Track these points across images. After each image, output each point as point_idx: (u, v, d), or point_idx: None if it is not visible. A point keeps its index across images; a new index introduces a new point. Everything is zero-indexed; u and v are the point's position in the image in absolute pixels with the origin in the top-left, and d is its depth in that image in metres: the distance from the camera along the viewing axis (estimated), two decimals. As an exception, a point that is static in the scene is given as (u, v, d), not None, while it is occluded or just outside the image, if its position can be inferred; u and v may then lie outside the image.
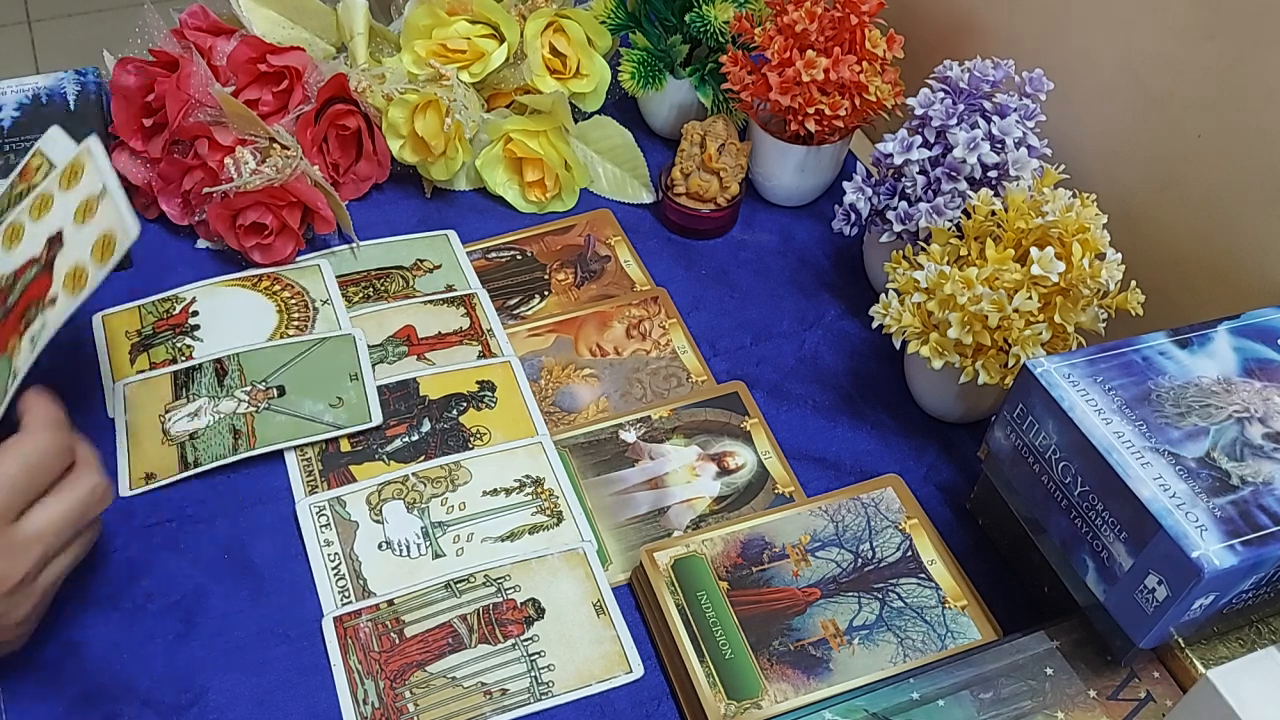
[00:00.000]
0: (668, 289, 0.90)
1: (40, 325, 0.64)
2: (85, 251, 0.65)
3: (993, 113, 0.80)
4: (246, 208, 0.85)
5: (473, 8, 0.94)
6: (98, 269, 0.64)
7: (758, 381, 0.84)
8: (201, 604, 0.69)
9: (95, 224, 0.65)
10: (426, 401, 0.80)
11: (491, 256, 0.93)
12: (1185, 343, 0.66)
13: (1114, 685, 0.64)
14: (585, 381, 0.83)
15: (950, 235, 0.78)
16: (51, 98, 0.92)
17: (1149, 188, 0.81)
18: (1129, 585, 0.60)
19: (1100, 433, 0.61)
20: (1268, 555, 0.56)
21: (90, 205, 0.66)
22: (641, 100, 1.03)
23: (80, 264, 0.64)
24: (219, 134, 0.85)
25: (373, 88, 0.92)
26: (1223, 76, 0.73)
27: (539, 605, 0.70)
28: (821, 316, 0.90)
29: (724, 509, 0.76)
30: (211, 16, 0.92)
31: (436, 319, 0.86)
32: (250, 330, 0.83)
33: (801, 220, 0.98)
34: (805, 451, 0.80)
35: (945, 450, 0.81)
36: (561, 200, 0.97)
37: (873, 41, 0.88)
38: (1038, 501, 0.67)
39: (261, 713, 0.65)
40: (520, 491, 0.76)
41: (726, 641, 0.67)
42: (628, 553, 0.73)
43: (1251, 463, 0.60)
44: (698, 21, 0.94)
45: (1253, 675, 0.53)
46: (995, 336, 0.71)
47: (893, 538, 0.73)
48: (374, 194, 0.96)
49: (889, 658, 0.67)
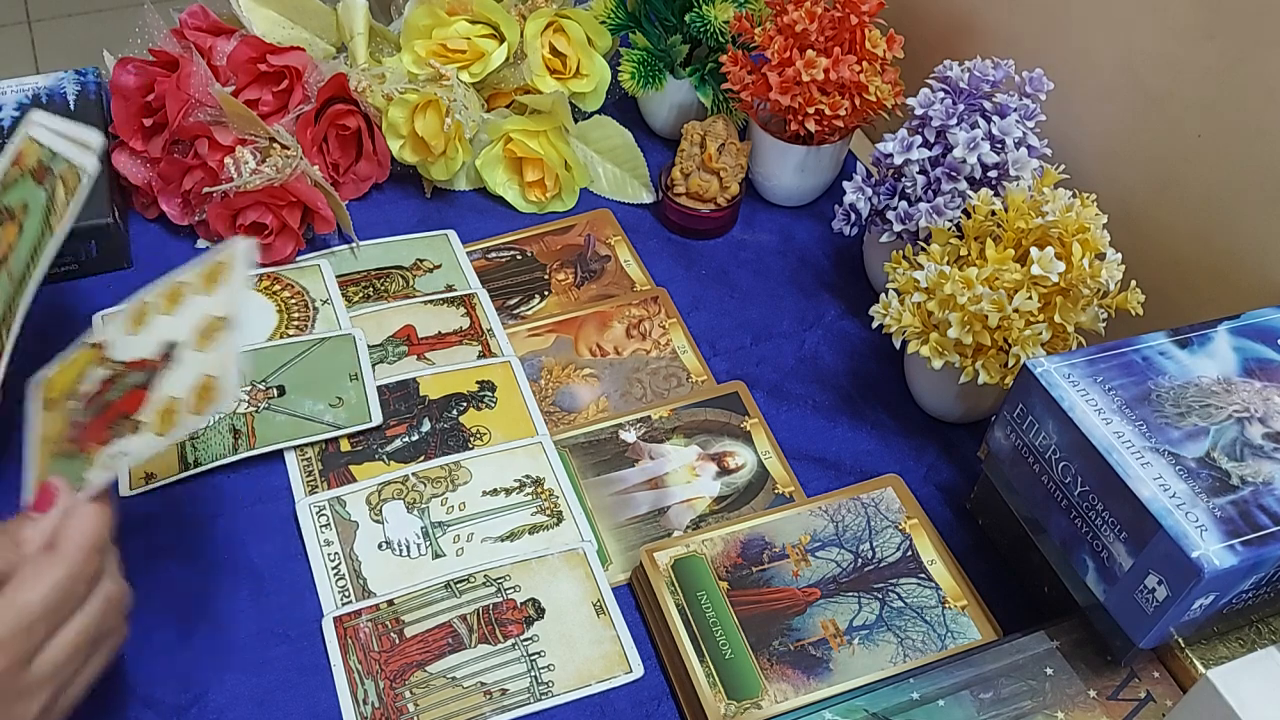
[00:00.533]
0: (668, 289, 0.90)
1: (120, 451, 0.60)
2: (186, 389, 0.60)
3: (993, 113, 0.80)
4: (246, 208, 0.85)
5: (473, 8, 0.94)
6: (191, 418, 0.58)
7: (758, 381, 0.84)
8: (201, 604, 0.69)
9: (208, 358, 0.60)
10: (427, 401, 0.80)
11: (491, 256, 0.93)
12: (1185, 343, 0.67)
13: (1114, 685, 0.64)
14: (585, 381, 0.83)
15: (950, 235, 0.78)
16: (51, 98, 0.92)
17: (1149, 188, 0.81)
18: (1129, 585, 0.60)
19: (1100, 433, 0.61)
20: (1268, 555, 0.56)
21: (213, 330, 0.61)
22: (641, 100, 1.03)
23: (175, 403, 0.59)
24: (219, 134, 0.85)
25: (373, 88, 0.92)
26: (1223, 76, 0.73)
27: (539, 605, 0.70)
28: (821, 316, 0.90)
29: (724, 509, 0.76)
30: (211, 16, 0.92)
31: (436, 319, 0.86)
32: (250, 330, 0.83)
33: (801, 220, 0.98)
34: (805, 451, 0.80)
35: (945, 450, 0.81)
36: (561, 200, 0.97)
37: (873, 41, 0.88)
38: (1038, 501, 0.67)
39: (261, 713, 0.65)
40: (520, 491, 0.76)
41: (726, 641, 0.67)
42: (628, 553, 0.73)
43: (1251, 463, 0.60)
44: (698, 21, 0.94)
45: (1253, 675, 0.53)
46: (995, 336, 0.71)
47: (893, 538, 0.73)
48: (374, 194, 0.96)
49: (889, 658, 0.67)
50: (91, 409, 0.62)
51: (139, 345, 0.63)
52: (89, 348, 0.65)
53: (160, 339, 0.62)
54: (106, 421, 0.61)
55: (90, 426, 0.62)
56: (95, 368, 0.64)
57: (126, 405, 0.61)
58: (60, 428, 0.63)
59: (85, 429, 0.61)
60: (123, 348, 0.64)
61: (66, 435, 0.62)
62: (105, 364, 0.64)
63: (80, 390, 0.64)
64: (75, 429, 0.62)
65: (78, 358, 0.65)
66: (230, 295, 0.61)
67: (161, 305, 0.64)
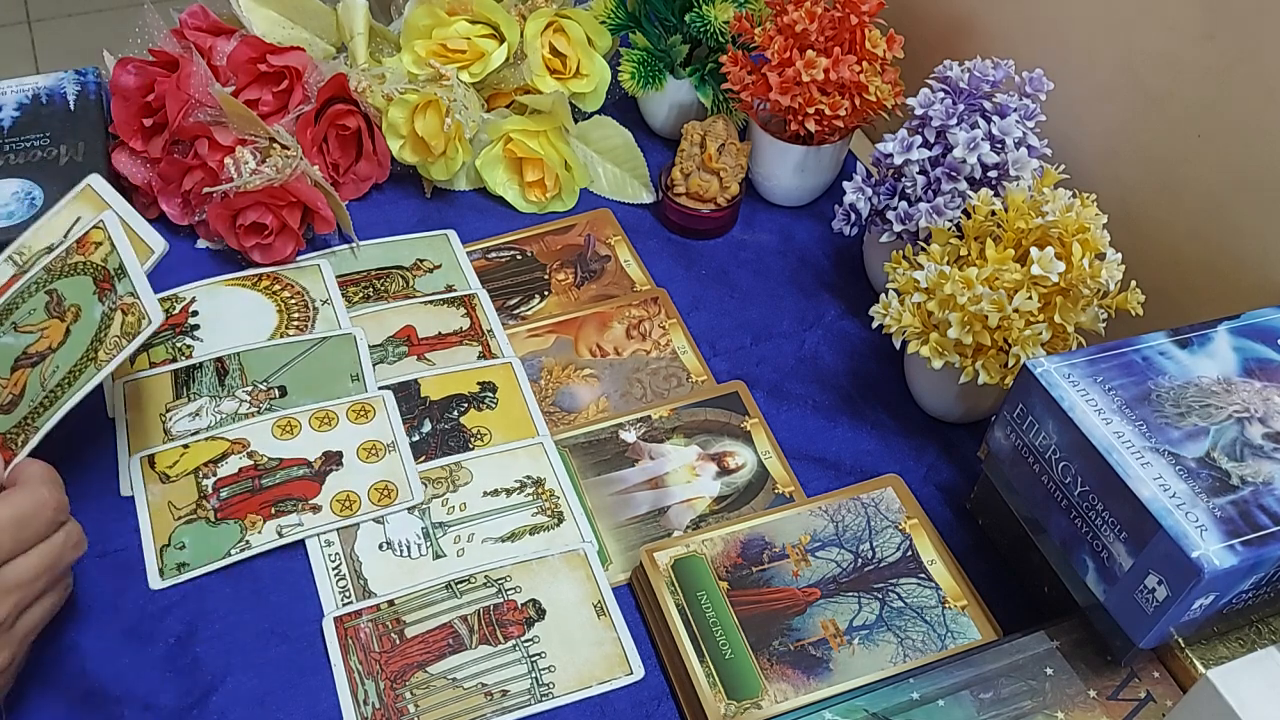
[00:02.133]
0: (668, 289, 0.90)
1: (298, 522, 0.72)
2: (364, 489, 0.74)
3: (993, 113, 0.80)
4: (246, 208, 0.85)
5: (473, 8, 0.94)
6: (372, 508, 0.73)
7: (758, 381, 0.84)
8: (202, 604, 0.69)
9: (378, 469, 0.75)
10: (428, 402, 0.80)
11: (491, 256, 0.93)
12: (1185, 343, 0.67)
13: (1114, 685, 0.64)
14: (585, 381, 0.83)
15: (950, 235, 0.78)
16: (51, 98, 0.92)
17: (1149, 187, 0.81)
18: (1129, 585, 0.60)
19: (1100, 433, 0.61)
20: (1268, 555, 0.56)
21: (378, 450, 0.76)
22: (641, 100, 1.03)
23: (355, 496, 0.74)
24: (219, 134, 0.85)
25: (373, 88, 0.92)
26: (1223, 76, 0.73)
27: (539, 606, 0.70)
28: (821, 316, 0.90)
29: (724, 509, 0.76)
30: (211, 16, 0.92)
31: (436, 319, 0.86)
32: (250, 330, 0.83)
33: (801, 220, 0.98)
34: (805, 451, 0.80)
35: (945, 450, 0.81)
36: (561, 200, 0.97)
37: (873, 41, 0.88)
38: (1038, 501, 0.67)
39: (262, 713, 0.65)
40: (521, 492, 0.76)
41: (726, 641, 0.67)
42: (628, 553, 0.73)
43: (1251, 463, 0.60)
44: (698, 21, 0.94)
45: (1253, 675, 0.54)
46: (995, 336, 0.72)
47: (893, 538, 0.73)
48: (374, 194, 0.96)
49: (889, 658, 0.67)
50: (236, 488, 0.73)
51: (293, 448, 0.76)
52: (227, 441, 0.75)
53: (321, 448, 0.76)
54: (272, 500, 0.73)
55: (251, 500, 0.73)
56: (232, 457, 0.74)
57: (295, 490, 0.74)
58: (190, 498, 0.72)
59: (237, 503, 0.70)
60: (275, 448, 0.75)
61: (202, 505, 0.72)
62: (252, 456, 0.74)
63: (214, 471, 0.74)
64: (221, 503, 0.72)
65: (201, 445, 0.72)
66: (386, 425, 0.77)
67: (312, 424, 0.75)
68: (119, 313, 0.67)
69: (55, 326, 0.68)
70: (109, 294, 0.67)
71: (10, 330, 0.68)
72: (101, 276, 0.68)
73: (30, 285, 0.69)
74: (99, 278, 0.68)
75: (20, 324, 0.68)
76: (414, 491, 0.74)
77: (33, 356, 0.67)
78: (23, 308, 0.69)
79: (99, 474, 0.74)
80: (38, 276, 0.69)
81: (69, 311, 0.68)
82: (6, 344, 0.68)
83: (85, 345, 0.66)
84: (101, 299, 0.67)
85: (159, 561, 0.70)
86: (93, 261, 0.69)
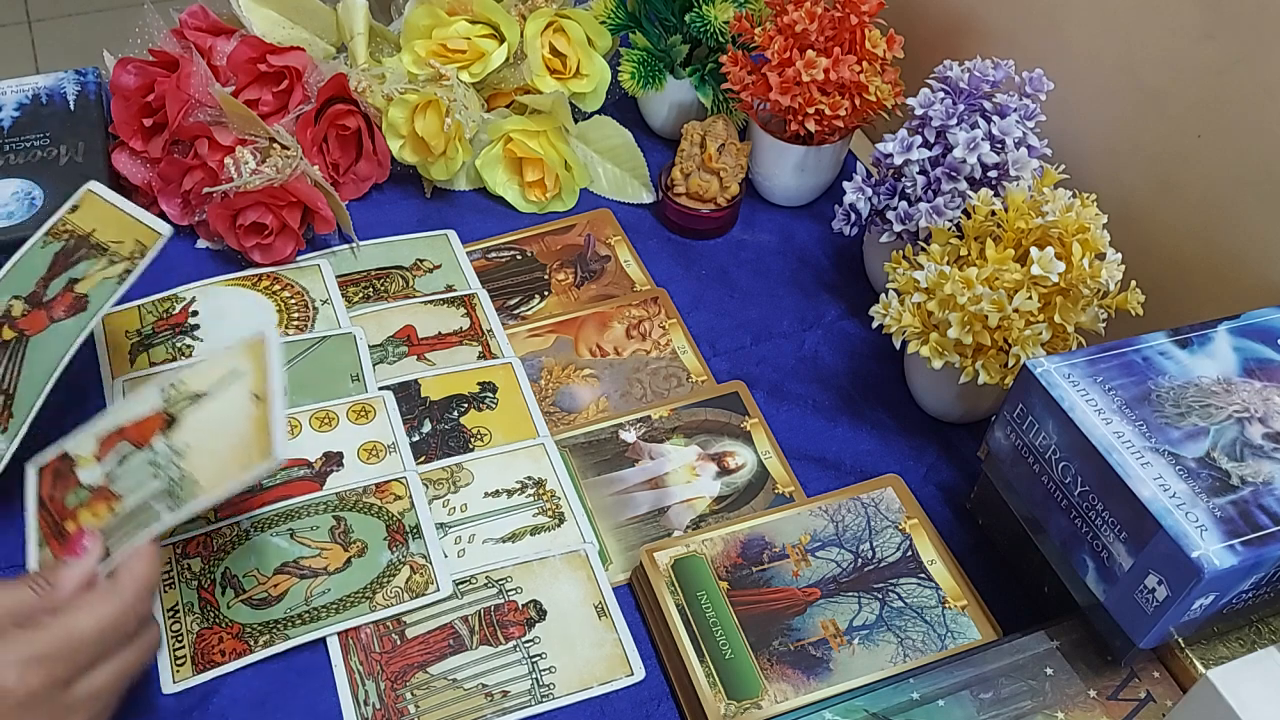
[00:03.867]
0: (668, 289, 0.90)
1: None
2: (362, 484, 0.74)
3: (993, 113, 0.80)
4: (246, 208, 0.85)
5: (473, 8, 0.94)
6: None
7: (758, 381, 0.84)
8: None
9: (379, 471, 0.75)
10: (428, 402, 0.80)
11: (491, 256, 0.93)
12: (1185, 343, 0.67)
13: (1114, 685, 0.64)
14: (585, 382, 0.83)
15: (950, 235, 0.78)
16: (51, 98, 0.92)
17: (1149, 187, 0.81)
18: (1129, 585, 0.60)
19: (1100, 433, 0.61)
20: (1268, 555, 0.56)
21: (378, 450, 0.75)
22: (641, 100, 1.03)
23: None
24: (219, 134, 0.85)
25: (373, 88, 0.92)
26: (1223, 76, 0.73)
27: (540, 607, 0.70)
28: (821, 316, 0.90)
29: (724, 509, 0.76)
30: (211, 16, 0.92)
31: (436, 319, 0.86)
32: (250, 330, 0.83)
33: (801, 220, 0.98)
34: (805, 451, 0.80)
35: (945, 450, 0.81)
36: (561, 200, 0.97)
37: (873, 41, 0.88)
38: (1038, 501, 0.67)
39: (262, 714, 0.65)
40: (522, 493, 0.76)
41: (726, 641, 0.67)
42: (628, 553, 0.73)
43: (1251, 463, 0.60)
44: (698, 21, 0.94)
45: (1253, 675, 0.54)
46: (995, 336, 0.72)
47: (893, 538, 0.73)
48: (374, 194, 0.96)
49: (889, 658, 0.67)
50: None
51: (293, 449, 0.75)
52: None
53: (321, 449, 0.75)
54: (272, 501, 0.72)
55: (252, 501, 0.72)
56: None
57: (294, 490, 0.73)
58: None
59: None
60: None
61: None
62: None
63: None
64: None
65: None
66: (385, 425, 0.77)
67: (312, 425, 0.75)
68: (407, 568, 0.70)
69: (336, 552, 0.70)
70: (400, 546, 0.71)
71: (287, 535, 0.71)
72: (395, 527, 0.72)
73: (318, 503, 0.73)
74: (393, 527, 0.71)
75: (298, 533, 0.71)
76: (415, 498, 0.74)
77: (304, 570, 0.69)
78: (305, 519, 0.72)
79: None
80: (328, 498, 0.73)
81: (354, 545, 0.71)
82: (279, 545, 0.70)
83: (364, 584, 0.69)
84: (391, 548, 0.71)
85: None
86: (389, 510, 0.72)
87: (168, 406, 0.65)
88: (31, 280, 0.70)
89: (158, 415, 0.65)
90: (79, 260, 0.70)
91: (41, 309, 0.69)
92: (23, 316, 0.69)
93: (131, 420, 0.65)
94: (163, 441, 0.63)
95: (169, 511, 0.60)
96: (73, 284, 0.69)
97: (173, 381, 0.66)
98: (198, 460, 0.62)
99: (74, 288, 0.68)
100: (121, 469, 0.63)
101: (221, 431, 0.63)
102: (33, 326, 0.68)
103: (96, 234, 0.70)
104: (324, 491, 0.73)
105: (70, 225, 0.71)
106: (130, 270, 0.67)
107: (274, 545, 0.70)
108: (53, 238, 0.72)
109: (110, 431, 0.65)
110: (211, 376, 0.65)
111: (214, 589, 0.68)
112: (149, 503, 0.61)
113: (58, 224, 0.72)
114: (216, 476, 0.61)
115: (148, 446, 0.63)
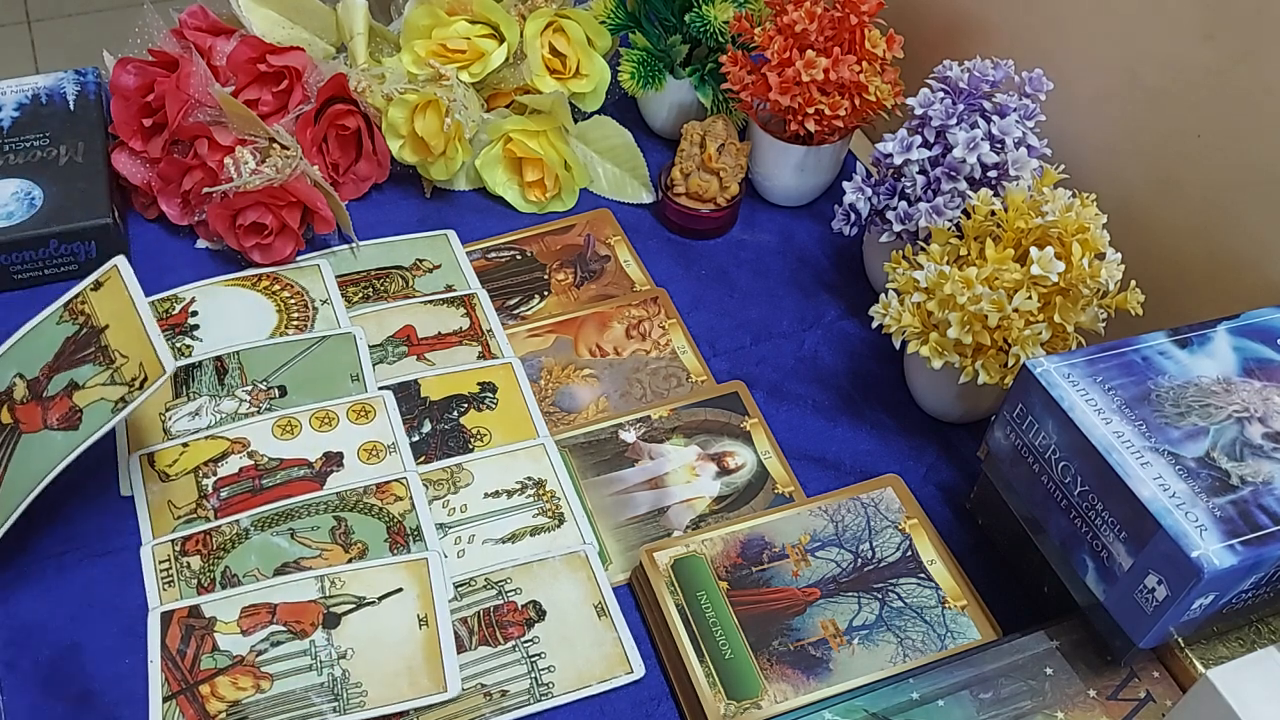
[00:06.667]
0: (667, 289, 0.90)
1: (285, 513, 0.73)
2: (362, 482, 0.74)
3: (993, 113, 0.80)
4: (246, 208, 0.85)
5: (473, 8, 0.94)
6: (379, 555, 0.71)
7: (758, 381, 0.84)
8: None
9: (379, 469, 0.75)
10: (428, 402, 0.80)
11: (491, 256, 0.93)
12: (1185, 343, 0.67)
13: (1114, 685, 0.64)
14: (585, 382, 0.83)
15: (950, 235, 0.78)
16: (51, 98, 0.92)
17: (1149, 187, 0.81)
18: (1129, 585, 0.60)
19: (1100, 433, 0.61)
20: (1267, 555, 0.56)
21: (378, 451, 0.76)
22: (641, 100, 1.03)
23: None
24: (219, 134, 0.85)
25: (373, 88, 0.92)
26: (1223, 76, 0.73)
27: (540, 608, 0.70)
28: (821, 316, 0.90)
29: (724, 509, 0.76)
30: (211, 16, 0.92)
31: (436, 319, 0.86)
32: (250, 330, 0.83)
33: (801, 220, 0.98)
34: (805, 451, 0.80)
35: (945, 450, 0.81)
36: (561, 200, 0.97)
37: (873, 41, 0.88)
38: (1038, 501, 0.67)
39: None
40: (522, 493, 0.76)
41: (726, 641, 0.67)
42: (628, 553, 0.73)
43: (1251, 462, 0.60)
44: (698, 21, 0.94)
45: (1253, 675, 0.54)
46: (995, 336, 0.71)
47: (892, 538, 0.73)
48: (374, 194, 0.96)
49: (889, 658, 0.67)
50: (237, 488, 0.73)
51: (292, 449, 0.75)
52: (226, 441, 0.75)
53: (322, 449, 0.76)
54: (274, 497, 0.73)
55: (253, 500, 0.73)
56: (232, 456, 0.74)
57: (295, 490, 0.73)
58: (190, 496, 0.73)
59: None
60: (275, 448, 0.75)
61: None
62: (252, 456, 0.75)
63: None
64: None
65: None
66: (386, 425, 0.77)
67: (313, 424, 0.75)
68: None
69: (337, 553, 0.70)
70: (401, 549, 0.71)
71: (287, 535, 0.71)
72: (396, 529, 0.72)
73: (319, 504, 0.73)
74: (393, 529, 0.71)
75: (299, 533, 0.71)
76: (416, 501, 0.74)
77: (305, 569, 0.70)
78: (306, 520, 0.72)
79: (99, 474, 0.74)
80: (328, 499, 0.73)
81: (355, 546, 0.71)
82: (279, 545, 0.71)
83: None
84: (393, 550, 0.71)
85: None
86: (389, 511, 0.72)
87: (327, 603, 0.67)
88: (38, 362, 0.71)
89: (316, 607, 0.67)
90: (85, 361, 0.70)
91: (39, 404, 0.69)
92: (22, 404, 0.69)
93: (283, 601, 0.67)
94: (324, 637, 0.65)
95: (335, 715, 0.62)
96: (73, 389, 0.69)
97: (330, 577, 0.68)
98: (363, 668, 0.64)
99: (73, 396, 0.68)
100: (274, 650, 0.65)
101: (387, 643, 0.65)
102: (28, 423, 0.69)
103: (109, 334, 0.70)
104: (324, 491, 0.73)
105: (88, 308, 0.71)
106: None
107: (274, 545, 0.70)
108: (69, 315, 0.72)
109: (258, 605, 0.67)
110: (374, 585, 0.68)
111: (214, 588, 0.68)
112: (308, 694, 0.63)
113: (76, 300, 0.72)
114: (385, 694, 0.63)
115: (306, 636, 0.65)
